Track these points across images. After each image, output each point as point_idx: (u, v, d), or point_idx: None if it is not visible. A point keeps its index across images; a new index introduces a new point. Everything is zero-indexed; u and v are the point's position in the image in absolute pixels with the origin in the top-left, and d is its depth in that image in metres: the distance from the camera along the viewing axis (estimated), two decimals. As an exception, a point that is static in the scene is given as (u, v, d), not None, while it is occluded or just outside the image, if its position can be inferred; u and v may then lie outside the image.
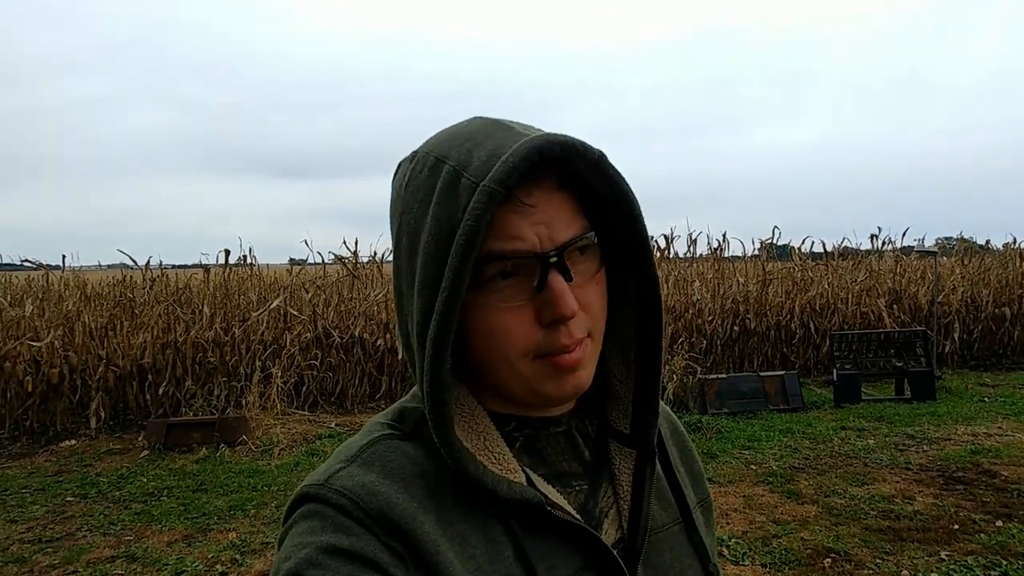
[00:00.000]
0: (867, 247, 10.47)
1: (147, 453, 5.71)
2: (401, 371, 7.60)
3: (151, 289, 7.57)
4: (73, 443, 6.19)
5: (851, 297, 9.20)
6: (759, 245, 9.92)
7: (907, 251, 10.48)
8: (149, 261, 8.00)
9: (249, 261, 8.54)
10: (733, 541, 3.75)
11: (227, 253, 8.00)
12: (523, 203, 0.50)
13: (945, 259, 10.79)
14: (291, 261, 9.46)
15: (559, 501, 0.55)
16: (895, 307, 9.27)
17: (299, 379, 7.21)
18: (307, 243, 10.93)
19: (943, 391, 7.32)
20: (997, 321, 9.55)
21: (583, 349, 0.54)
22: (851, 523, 3.96)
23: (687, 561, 0.62)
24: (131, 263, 7.92)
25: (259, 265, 8.73)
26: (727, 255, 10.03)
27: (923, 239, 10.74)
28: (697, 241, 9.91)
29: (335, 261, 8.47)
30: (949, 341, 9.28)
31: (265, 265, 9.11)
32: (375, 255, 8.56)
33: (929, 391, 7.05)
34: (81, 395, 6.70)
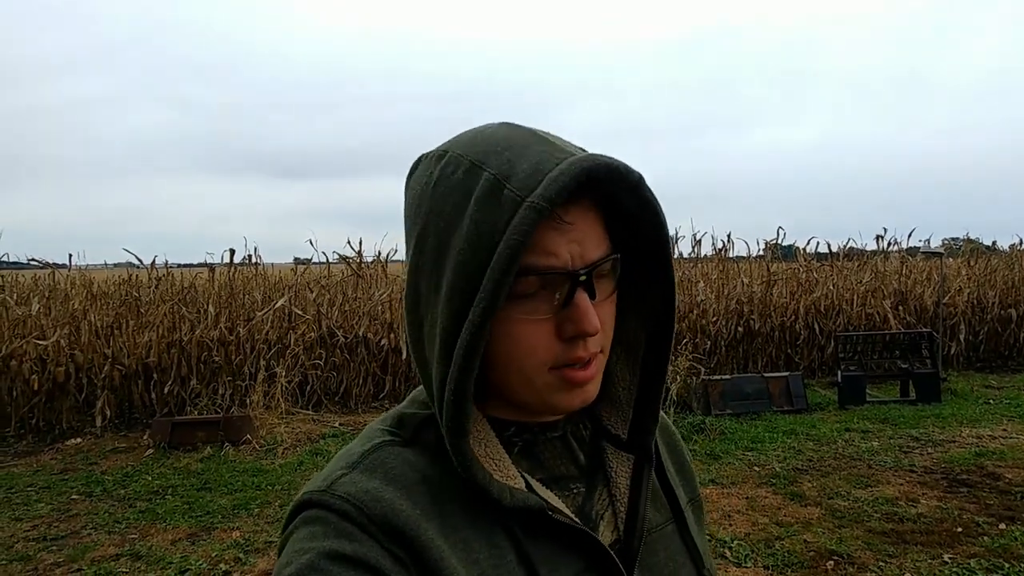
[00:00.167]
0: (872, 248, 10.44)
1: (152, 452, 5.74)
2: (405, 371, 7.61)
3: (157, 288, 7.60)
4: (79, 441, 6.22)
5: (856, 298, 9.17)
6: (764, 246, 9.89)
7: (913, 252, 10.43)
8: (155, 260, 8.03)
9: (254, 261, 8.57)
10: (736, 543, 3.74)
11: (232, 253, 8.04)
12: (563, 221, 0.51)
13: (951, 260, 10.74)
14: (296, 260, 9.48)
15: (559, 505, 0.56)
16: (900, 308, 9.24)
17: (303, 378, 7.23)
18: (312, 243, 10.92)
19: (948, 393, 7.29)
20: (1003, 323, 9.50)
21: (596, 365, 0.55)
22: (854, 525, 3.96)
23: (680, 560, 0.63)
24: (137, 262, 7.96)
25: (264, 265, 8.75)
26: (732, 256, 10.01)
27: (929, 240, 10.71)
28: (701, 242, 9.90)
29: (339, 261, 8.49)
30: (955, 343, 9.23)
31: (270, 265, 9.14)
32: (379, 255, 8.58)
33: (934, 393, 7.02)
34: (87, 394, 6.74)
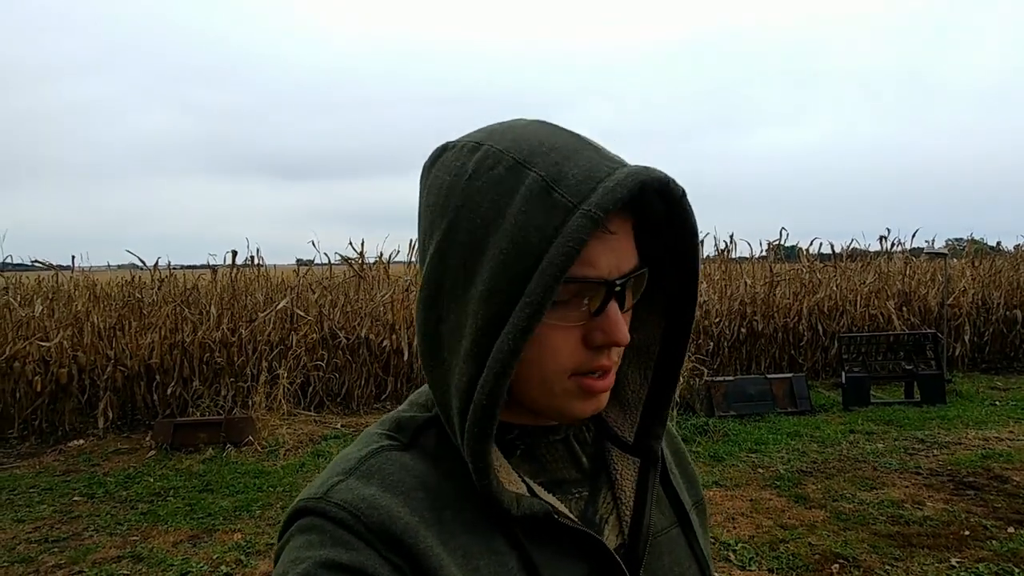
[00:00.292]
0: (876, 248, 10.40)
1: (154, 453, 5.74)
2: (407, 372, 7.60)
3: (159, 290, 7.60)
4: (81, 443, 6.22)
5: (860, 299, 9.13)
6: (766, 246, 9.87)
7: (917, 253, 10.38)
8: (157, 262, 8.04)
9: (256, 262, 8.56)
10: (740, 546, 3.72)
11: (234, 254, 8.04)
12: (608, 231, 0.51)
13: (955, 261, 10.69)
14: (298, 262, 9.48)
15: (562, 509, 0.56)
16: (904, 309, 9.20)
17: (305, 380, 7.23)
18: (314, 244, 10.95)
19: (953, 394, 7.25)
20: (1008, 324, 9.45)
21: (612, 375, 0.55)
22: (859, 528, 3.93)
23: (686, 564, 0.63)
24: (140, 264, 7.97)
25: (266, 266, 8.75)
26: (734, 256, 9.98)
27: (933, 240, 10.66)
28: (704, 243, 9.88)
29: (341, 262, 8.48)
30: (959, 344, 9.19)
31: (272, 266, 9.13)
32: (381, 256, 8.57)
33: (939, 394, 6.98)
34: (89, 395, 6.74)
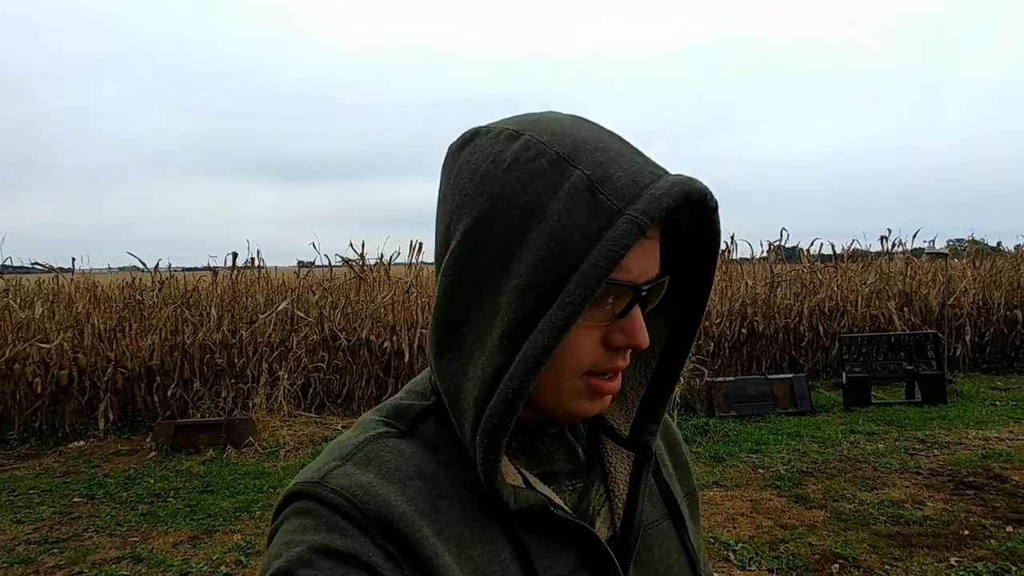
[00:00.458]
0: (877, 249, 10.38)
1: (154, 454, 5.74)
2: (407, 373, 7.59)
3: (160, 292, 7.61)
4: (82, 444, 6.23)
5: (861, 299, 9.12)
6: (767, 247, 9.86)
7: (917, 253, 10.36)
8: (158, 264, 8.04)
9: (257, 264, 8.57)
10: (740, 546, 3.72)
11: (234, 256, 8.04)
12: (646, 237, 0.51)
13: (956, 261, 10.68)
14: (299, 264, 9.48)
15: (558, 502, 0.56)
16: (905, 309, 9.19)
17: (306, 381, 7.23)
18: (314, 246, 11.01)
19: (954, 395, 7.24)
20: (1009, 324, 9.43)
21: (620, 378, 0.56)
22: (860, 528, 3.92)
23: (675, 556, 0.63)
24: (140, 266, 7.97)
25: (266, 268, 8.75)
26: (735, 257, 9.97)
27: (934, 241, 10.63)
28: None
29: (342, 264, 8.49)
30: (960, 344, 9.18)
31: (273, 268, 9.14)
32: (381, 258, 8.57)
33: (940, 395, 6.97)
34: (90, 397, 6.75)
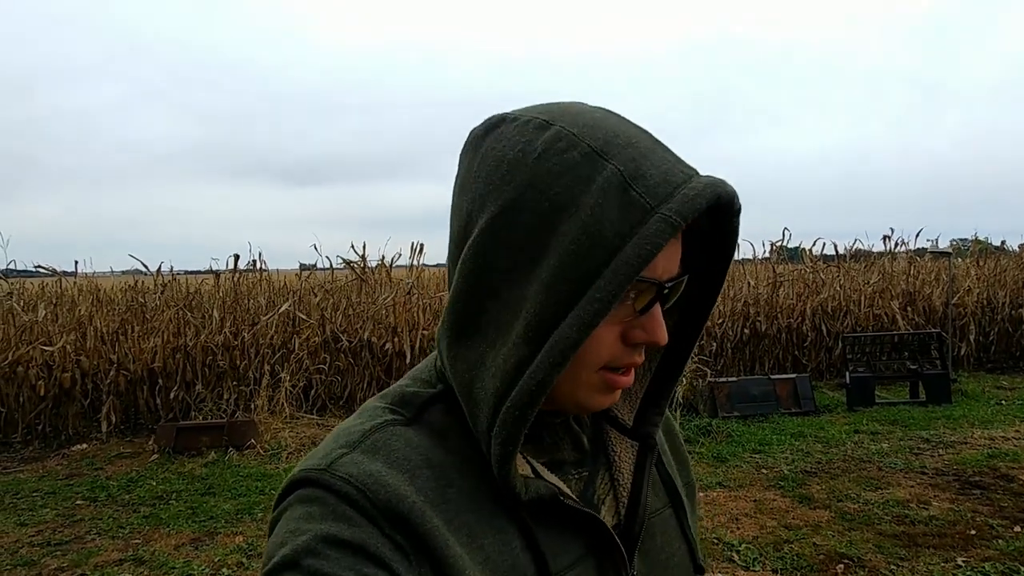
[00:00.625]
0: (880, 248, 10.34)
1: (157, 457, 5.74)
2: (410, 375, 7.58)
3: (162, 294, 7.61)
4: (85, 447, 6.23)
5: (864, 299, 9.09)
6: (769, 247, 9.84)
7: (921, 252, 10.32)
8: (160, 267, 8.05)
9: (259, 266, 8.57)
10: (744, 546, 3.69)
11: (236, 258, 8.04)
12: (675, 236, 0.51)
13: (960, 260, 10.63)
14: (301, 266, 9.48)
15: (566, 490, 0.56)
16: (909, 309, 9.15)
17: (307, 383, 7.22)
18: (316, 248, 11.05)
19: (959, 394, 7.21)
20: (1014, 323, 9.39)
21: (633, 373, 0.56)
22: (864, 528, 3.90)
23: (676, 544, 0.65)
24: (143, 269, 7.98)
25: (268, 270, 8.76)
26: (737, 257, 9.96)
27: (937, 240, 10.58)
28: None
29: (344, 266, 8.49)
30: (964, 343, 9.14)
31: (275, 270, 9.14)
32: (383, 259, 8.57)
33: (944, 394, 6.94)
34: (93, 399, 6.76)
